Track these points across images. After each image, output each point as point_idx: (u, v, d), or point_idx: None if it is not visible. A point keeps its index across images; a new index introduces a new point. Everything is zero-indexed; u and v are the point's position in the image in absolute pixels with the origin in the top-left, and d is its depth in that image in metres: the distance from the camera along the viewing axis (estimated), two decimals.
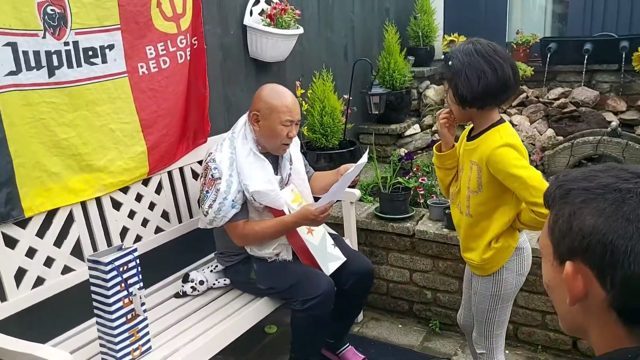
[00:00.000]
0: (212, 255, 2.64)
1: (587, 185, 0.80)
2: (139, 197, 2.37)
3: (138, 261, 1.89)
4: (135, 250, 1.89)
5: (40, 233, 2.01)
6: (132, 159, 2.23)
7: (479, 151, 1.79)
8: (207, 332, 2.12)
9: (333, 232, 2.54)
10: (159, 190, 2.47)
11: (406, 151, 4.00)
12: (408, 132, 4.31)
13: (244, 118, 2.34)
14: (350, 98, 3.51)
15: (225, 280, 2.44)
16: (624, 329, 0.78)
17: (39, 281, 2.00)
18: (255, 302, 2.34)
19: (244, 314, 2.25)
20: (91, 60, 2.01)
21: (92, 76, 2.02)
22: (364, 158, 2.28)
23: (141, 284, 1.90)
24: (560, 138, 3.87)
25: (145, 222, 2.40)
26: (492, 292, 1.90)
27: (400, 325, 3.01)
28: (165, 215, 2.50)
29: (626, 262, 0.74)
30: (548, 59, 4.33)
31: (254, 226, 2.28)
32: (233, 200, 2.22)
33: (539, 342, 2.68)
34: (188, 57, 2.39)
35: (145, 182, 2.40)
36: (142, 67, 2.18)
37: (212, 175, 2.23)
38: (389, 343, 2.85)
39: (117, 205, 2.28)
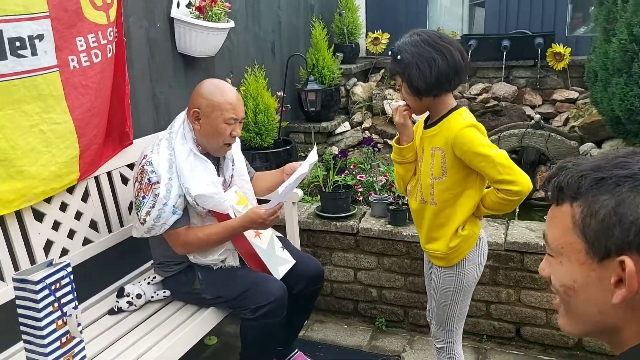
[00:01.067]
0: (149, 265, 2.44)
1: (628, 172, 0.75)
2: (63, 207, 2.13)
3: (72, 277, 1.68)
4: (68, 265, 1.68)
5: None
6: (64, 163, 1.99)
7: (442, 135, 1.77)
8: (151, 351, 1.94)
9: (279, 234, 2.43)
10: (85, 198, 2.24)
11: (339, 149, 3.96)
12: (339, 130, 4.28)
13: (181, 116, 2.17)
14: (285, 95, 3.40)
15: (164, 292, 2.25)
16: None
17: None
18: (200, 313, 2.18)
19: (190, 327, 2.08)
20: (19, 52, 1.75)
21: (20, 70, 1.76)
22: (314, 155, 2.19)
23: (76, 303, 1.70)
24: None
25: (71, 234, 2.16)
26: (454, 284, 1.88)
27: (345, 326, 2.94)
28: (93, 225, 2.27)
29: None
30: (469, 56, 4.45)
31: (198, 233, 2.12)
32: (174, 206, 2.05)
33: (484, 332, 2.72)
34: (114, 51, 2.18)
35: (70, 190, 2.16)
36: (72, 60, 1.94)
37: (148, 180, 2.04)
38: (336, 345, 2.78)
39: (39, 216, 2.03)
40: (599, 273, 0.75)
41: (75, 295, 1.70)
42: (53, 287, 1.62)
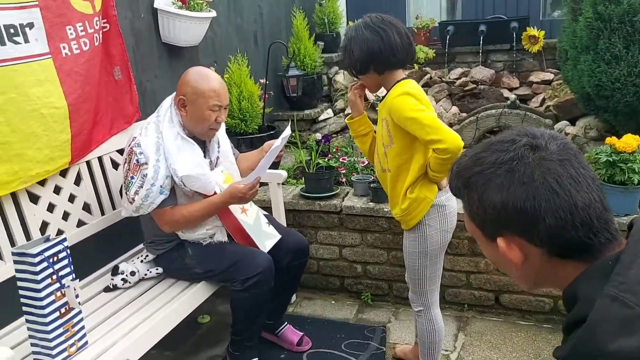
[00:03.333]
0: (142, 246, 2.54)
1: (480, 169, 0.88)
2: (57, 189, 2.23)
3: (69, 251, 1.78)
4: (64, 239, 1.77)
5: None
6: (58, 147, 2.09)
7: (385, 106, 1.93)
8: (144, 323, 2.04)
9: (264, 212, 2.53)
10: (78, 181, 2.33)
11: (322, 134, 4.06)
12: (322, 117, 4.38)
13: (168, 100, 2.27)
14: (267, 82, 3.50)
15: (157, 269, 2.35)
16: (572, 263, 0.87)
17: None
18: (191, 287, 2.28)
19: (182, 300, 2.18)
20: (14, 38, 1.85)
21: (18, 56, 1.85)
22: (287, 131, 2.30)
23: (74, 275, 1.80)
24: (464, 114, 4.11)
25: (66, 216, 2.26)
26: (418, 249, 2.01)
27: (333, 302, 3.06)
28: (86, 207, 2.36)
29: (541, 218, 0.83)
30: (447, 42, 4.58)
31: (182, 211, 2.21)
32: (161, 186, 2.15)
33: (465, 301, 2.85)
34: (101, 40, 2.28)
35: (63, 173, 2.25)
36: (64, 48, 2.04)
37: (137, 161, 2.14)
38: (324, 319, 2.89)
39: (34, 198, 2.12)
40: (498, 250, 0.89)
41: (73, 268, 1.80)
42: (51, 260, 1.71)
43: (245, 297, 2.20)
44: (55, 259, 1.73)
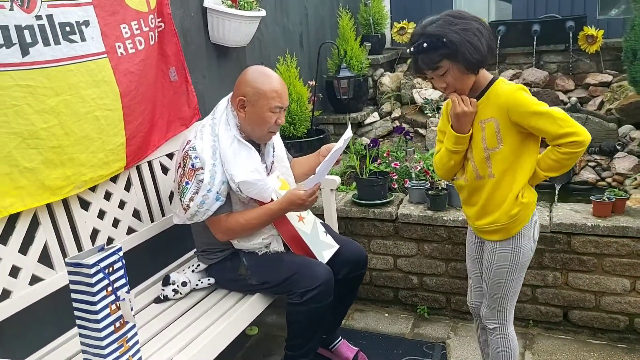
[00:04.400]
0: (192, 254, 2.43)
1: None
2: (107, 195, 2.13)
3: (124, 261, 1.67)
4: (120, 249, 1.66)
5: (3, 239, 1.74)
6: (112, 151, 1.99)
7: (492, 105, 1.74)
8: (201, 337, 1.92)
9: (320, 220, 2.40)
10: (128, 187, 2.24)
11: (369, 139, 3.92)
12: (368, 121, 4.24)
13: (224, 102, 2.15)
14: (316, 84, 3.38)
15: (209, 279, 2.24)
16: None
17: (5, 294, 1.73)
18: (246, 299, 2.16)
19: (237, 313, 2.06)
20: (70, 37, 1.75)
21: (73, 55, 1.76)
22: (349, 132, 2.17)
23: (128, 287, 1.69)
24: None
25: (116, 223, 2.16)
26: (510, 261, 1.83)
27: (386, 314, 2.91)
28: (136, 214, 2.27)
29: None
30: (498, 42, 4.39)
31: (238, 218, 2.10)
32: (217, 192, 2.03)
33: (530, 317, 2.66)
34: (156, 39, 2.18)
35: (114, 179, 2.15)
36: (119, 47, 1.94)
37: (192, 165, 2.03)
38: (378, 333, 2.74)
39: (84, 204, 2.03)
40: None
41: (127, 279, 1.69)
42: (107, 271, 1.60)
43: (304, 311, 2.07)
44: (111, 269, 1.63)
